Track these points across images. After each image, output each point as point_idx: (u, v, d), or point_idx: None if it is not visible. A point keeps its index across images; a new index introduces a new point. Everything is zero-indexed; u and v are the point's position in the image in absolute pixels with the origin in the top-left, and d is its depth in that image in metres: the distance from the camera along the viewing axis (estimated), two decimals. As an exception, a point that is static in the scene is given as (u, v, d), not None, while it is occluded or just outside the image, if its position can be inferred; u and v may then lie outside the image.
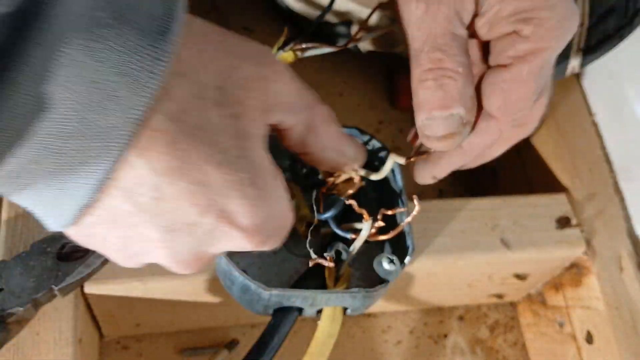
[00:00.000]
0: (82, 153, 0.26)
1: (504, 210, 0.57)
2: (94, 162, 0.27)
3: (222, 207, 0.29)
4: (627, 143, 0.62)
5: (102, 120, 0.26)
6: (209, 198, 0.28)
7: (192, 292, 0.51)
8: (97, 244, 0.31)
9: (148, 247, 0.31)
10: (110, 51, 0.26)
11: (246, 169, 0.29)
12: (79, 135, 0.26)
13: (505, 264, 0.57)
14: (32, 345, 0.46)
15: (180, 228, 0.29)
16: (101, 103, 0.26)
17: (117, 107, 0.26)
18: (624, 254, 0.58)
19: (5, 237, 0.48)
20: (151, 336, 0.62)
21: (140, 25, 0.26)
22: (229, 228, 0.30)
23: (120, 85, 0.26)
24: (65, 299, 0.47)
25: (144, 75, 0.26)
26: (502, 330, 0.68)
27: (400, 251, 0.47)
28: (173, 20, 0.27)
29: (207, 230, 0.30)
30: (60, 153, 0.26)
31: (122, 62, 0.26)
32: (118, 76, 0.26)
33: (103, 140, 0.26)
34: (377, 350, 0.65)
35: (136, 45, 0.26)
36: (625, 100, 0.62)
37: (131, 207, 0.28)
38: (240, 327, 0.63)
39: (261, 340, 0.44)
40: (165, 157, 0.27)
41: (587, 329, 0.58)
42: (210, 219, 0.29)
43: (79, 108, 0.26)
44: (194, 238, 0.30)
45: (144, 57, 0.26)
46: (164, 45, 0.26)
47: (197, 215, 0.29)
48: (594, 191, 0.60)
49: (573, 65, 0.60)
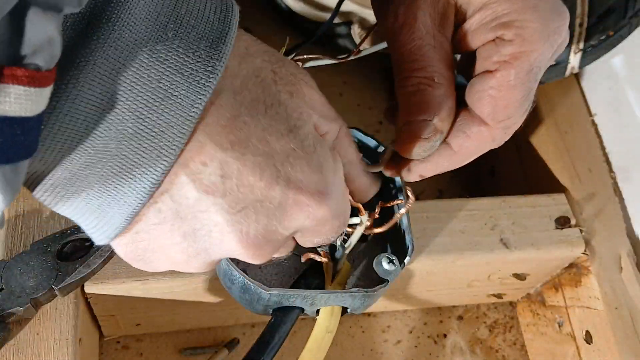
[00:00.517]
0: (139, 155, 0.27)
1: (504, 210, 0.57)
2: (149, 164, 0.27)
3: (288, 176, 0.29)
4: (627, 143, 0.62)
5: (161, 120, 0.26)
6: (274, 168, 0.28)
7: (192, 292, 0.51)
8: (156, 251, 0.30)
9: (216, 236, 0.30)
10: (172, 53, 0.26)
11: (306, 137, 0.30)
12: (136, 136, 0.26)
13: (505, 263, 0.57)
14: (32, 345, 0.46)
15: (249, 205, 0.29)
16: (161, 103, 0.26)
17: (177, 105, 0.26)
18: (623, 254, 0.58)
19: (5, 237, 0.48)
20: (151, 336, 0.62)
21: (199, 30, 0.27)
22: (297, 195, 0.30)
23: (182, 85, 0.26)
24: (65, 299, 0.47)
25: (203, 75, 0.27)
26: (501, 330, 0.68)
27: (400, 251, 0.48)
28: (228, 28, 0.29)
29: (276, 204, 0.29)
30: (119, 155, 0.27)
31: (183, 63, 0.27)
32: (179, 76, 0.26)
33: (161, 139, 0.27)
34: (376, 350, 0.65)
35: (197, 48, 0.27)
36: (625, 100, 0.62)
37: (197, 192, 0.28)
38: (240, 327, 0.63)
39: (262, 339, 0.44)
40: (229, 130, 0.28)
41: (586, 328, 0.59)
42: (278, 191, 0.29)
43: (138, 109, 0.26)
44: (263, 215, 0.29)
45: (203, 59, 0.27)
46: (220, 49, 0.28)
47: (264, 189, 0.29)
48: (593, 191, 0.60)
49: (572, 66, 0.60)
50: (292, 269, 0.49)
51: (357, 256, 0.51)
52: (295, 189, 0.29)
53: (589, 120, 0.65)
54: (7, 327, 0.43)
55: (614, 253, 0.58)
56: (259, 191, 0.28)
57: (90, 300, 0.50)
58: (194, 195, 0.28)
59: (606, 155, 0.63)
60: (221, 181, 0.28)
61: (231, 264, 0.43)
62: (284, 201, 0.29)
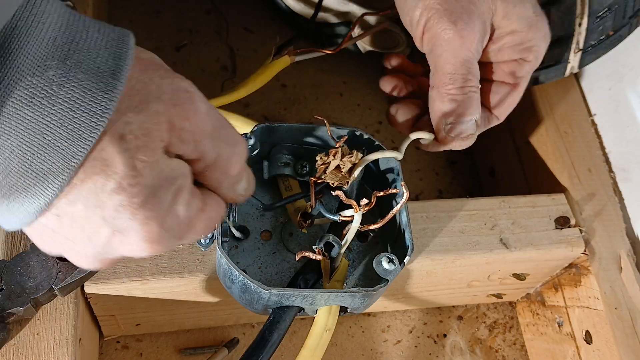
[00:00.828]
0: (19, 189, 0.29)
1: (503, 210, 0.57)
2: (31, 196, 0.30)
3: (113, 226, 0.32)
4: (626, 143, 0.62)
5: (42, 165, 0.29)
6: (101, 218, 0.31)
7: (192, 292, 0.51)
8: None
9: (63, 251, 0.34)
10: (57, 107, 0.29)
11: (139, 193, 0.31)
12: (17, 174, 0.29)
13: (505, 263, 0.57)
14: (32, 345, 0.46)
15: (79, 238, 0.32)
16: (44, 151, 0.29)
17: (59, 155, 0.29)
18: (622, 254, 0.58)
19: (5, 237, 0.48)
20: (151, 336, 0.62)
21: (87, 77, 0.29)
22: (122, 241, 0.33)
23: (65, 137, 0.29)
24: (65, 299, 0.47)
25: (86, 130, 0.29)
26: (501, 330, 0.68)
27: (400, 251, 0.48)
28: (117, 77, 0.30)
29: (102, 243, 0.33)
30: (8, 185, 0.29)
31: (67, 117, 0.29)
32: (62, 129, 0.29)
33: (41, 180, 0.29)
34: (376, 350, 0.65)
35: (82, 100, 0.29)
36: (625, 100, 0.62)
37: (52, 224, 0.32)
38: (240, 327, 0.63)
39: (261, 337, 0.44)
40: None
41: (586, 328, 0.59)
42: (104, 235, 0.32)
43: (19, 153, 0.29)
44: (92, 248, 0.33)
45: (88, 111, 0.29)
46: (106, 102, 0.29)
47: (91, 232, 0.32)
48: (593, 191, 0.61)
49: (572, 66, 0.60)
50: (291, 270, 0.49)
51: (357, 256, 0.51)
52: (120, 237, 0.32)
53: (589, 120, 0.65)
54: (7, 327, 0.43)
55: (614, 253, 0.58)
56: (89, 232, 0.32)
57: (90, 300, 0.50)
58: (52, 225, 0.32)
59: (606, 155, 0.64)
60: (58, 220, 0.32)
61: (231, 264, 0.43)
62: (111, 243, 0.33)
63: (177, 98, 0.32)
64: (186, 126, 0.33)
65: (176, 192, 0.33)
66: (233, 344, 0.61)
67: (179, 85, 0.33)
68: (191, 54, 0.79)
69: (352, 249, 0.51)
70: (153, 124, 0.31)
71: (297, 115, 0.77)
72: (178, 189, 0.33)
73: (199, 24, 0.82)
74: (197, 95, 0.34)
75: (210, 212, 0.37)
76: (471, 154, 0.79)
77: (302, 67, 0.81)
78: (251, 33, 0.82)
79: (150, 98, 0.31)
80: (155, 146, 0.31)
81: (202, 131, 0.34)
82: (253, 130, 0.49)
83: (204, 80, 0.77)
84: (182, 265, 0.49)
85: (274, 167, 0.52)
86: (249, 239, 0.50)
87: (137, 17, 0.80)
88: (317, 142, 0.51)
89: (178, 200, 0.34)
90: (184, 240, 0.37)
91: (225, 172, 0.36)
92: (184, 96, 0.33)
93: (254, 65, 0.78)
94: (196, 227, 0.36)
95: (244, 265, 0.49)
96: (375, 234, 0.52)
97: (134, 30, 0.33)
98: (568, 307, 0.61)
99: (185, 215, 0.34)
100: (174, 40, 0.79)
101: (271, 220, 0.51)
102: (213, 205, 0.37)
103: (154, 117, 0.31)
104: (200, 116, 0.33)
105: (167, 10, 0.82)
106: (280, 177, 0.52)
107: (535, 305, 0.66)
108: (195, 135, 0.33)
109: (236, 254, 0.49)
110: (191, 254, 0.50)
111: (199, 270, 0.49)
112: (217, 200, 0.38)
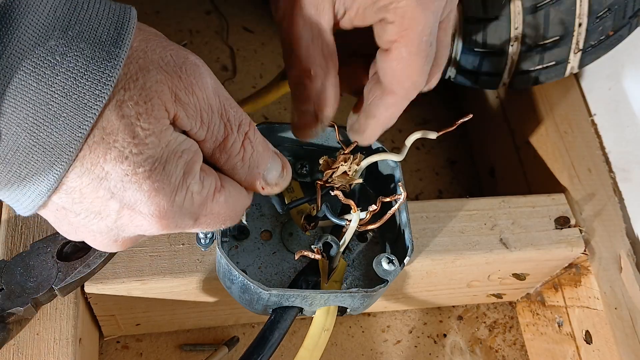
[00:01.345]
0: (28, 167, 0.29)
1: (503, 210, 0.57)
2: (41, 173, 0.29)
3: (121, 199, 0.31)
4: (626, 143, 0.62)
5: (51, 138, 0.29)
6: (108, 190, 0.31)
7: (192, 292, 0.51)
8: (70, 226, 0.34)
9: (79, 233, 0.34)
10: (60, 77, 0.28)
11: (143, 162, 0.30)
12: (26, 150, 0.29)
13: (504, 263, 0.57)
14: (32, 345, 0.46)
15: (90, 215, 0.32)
16: (51, 123, 0.28)
17: (65, 126, 0.29)
18: (622, 254, 0.58)
19: (5, 237, 0.48)
20: (151, 336, 0.62)
21: (89, 48, 0.29)
22: (131, 216, 0.32)
23: (70, 108, 0.28)
24: (65, 299, 0.47)
25: (90, 98, 0.29)
26: (501, 329, 0.68)
27: (400, 251, 0.48)
28: (119, 45, 0.30)
29: (113, 219, 0.32)
30: (17, 163, 0.29)
31: (72, 86, 0.28)
32: (67, 99, 0.28)
33: (49, 154, 0.29)
34: (376, 350, 0.65)
35: (85, 70, 0.29)
36: (625, 100, 0.62)
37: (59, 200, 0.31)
38: (240, 327, 0.63)
39: (261, 337, 0.44)
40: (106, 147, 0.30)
41: (586, 328, 0.59)
42: (113, 209, 0.31)
43: (26, 126, 0.28)
44: (104, 224, 0.32)
45: (91, 82, 0.29)
46: (109, 73, 0.29)
47: (101, 206, 0.31)
48: (592, 191, 0.61)
49: (572, 66, 0.60)
50: (291, 270, 0.49)
51: (357, 256, 0.51)
52: (129, 211, 0.32)
53: (589, 120, 0.65)
54: (7, 327, 0.43)
55: (614, 253, 0.58)
56: (97, 207, 0.32)
57: (90, 300, 0.51)
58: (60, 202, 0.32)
59: (606, 155, 0.64)
60: (69, 197, 0.31)
61: (231, 264, 0.43)
62: (119, 218, 0.32)
63: (183, 70, 0.32)
64: (192, 100, 0.32)
65: (186, 166, 0.32)
66: (233, 342, 0.61)
67: (185, 57, 0.32)
68: (191, 54, 0.79)
69: (352, 249, 0.51)
70: (154, 91, 0.30)
71: (297, 115, 0.77)
72: (188, 164, 0.32)
73: (199, 24, 0.82)
74: (205, 69, 0.33)
75: (229, 196, 0.36)
76: (471, 154, 0.79)
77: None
78: (251, 33, 0.82)
79: (151, 66, 0.31)
80: (159, 115, 0.31)
81: (209, 107, 0.33)
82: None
83: (204, 80, 0.77)
84: (182, 265, 0.49)
85: (274, 168, 0.52)
86: (249, 239, 0.50)
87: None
88: (317, 142, 0.51)
89: (189, 175, 0.32)
90: (200, 224, 0.35)
91: (237, 155, 0.35)
92: (190, 69, 0.32)
93: (254, 65, 0.77)
94: (214, 210, 0.35)
95: (244, 265, 0.49)
96: (375, 234, 0.52)
97: (134, 30, 0.33)
98: (568, 307, 0.61)
99: (197, 192, 0.33)
100: (174, 40, 0.79)
101: (271, 220, 0.51)
102: (233, 191, 0.36)
103: (155, 86, 0.31)
104: (207, 92, 0.32)
105: (167, 10, 0.82)
106: (280, 178, 0.52)
107: (535, 305, 0.66)
108: (202, 112, 0.32)
109: (236, 254, 0.49)
110: (191, 254, 0.50)
111: (199, 270, 0.49)
112: (236, 186, 0.37)
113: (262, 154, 0.37)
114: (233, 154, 0.35)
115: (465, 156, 0.79)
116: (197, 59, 0.33)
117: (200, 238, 0.45)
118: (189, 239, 0.50)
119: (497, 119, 0.74)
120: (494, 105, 0.75)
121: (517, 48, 0.59)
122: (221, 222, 0.36)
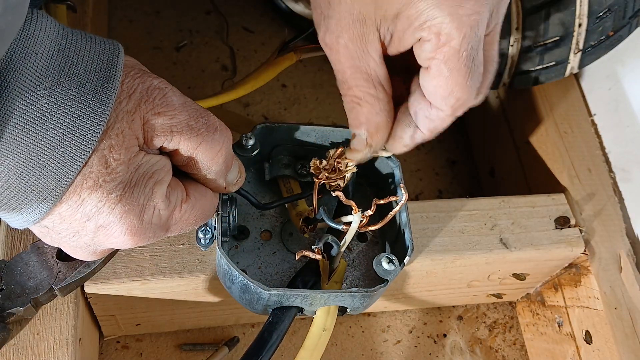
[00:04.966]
0: (18, 201, 0.32)
1: (503, 210, 0.57)
2: (30, 207, 0.33)
3: (96, 221, 0.34)
4: (626, 143, 0.62)
5: (38, 182, 0.32)
6: (84, 214, 0.34)
7: (192, 292, 0.51)
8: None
9: (61, 245, 0.37)
10: (47, 132, 0.31)
11: (115, 188, 0.34)
12: (16, 189, 0.32)
13: (504, 263, 0.57)
14: (32, 345, 0.46)
15: (70, 234, 0.36)
16: (40, 171, 0.31)
17: (52, 174, 0.31)
18: (622, 254, 0.58)
19: (6, 237, 0.48)
20: (151, 336, 0.62)
21: (73, 108, 0.31)
22: (107, 234, 0.35)
23: (57, 158, 0.31)
24: (65, 299, 0.47)
25: (77, 152, 0.31)
26: (501, 329, 0.68)
27: (400, 251, 0.48)
28: (105, 102, 0.32)
29: (91, 237, 0.36)
30: (7, 198, 0.32)
31: (59, 141, 0.31)
32: (55, 152, 0.31)
33: (37, 196, 0.32)
34: (376, 350, 0.65)
35: (74, 124, 0.31)
36: (625, 100, 0.62)
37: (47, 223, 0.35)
38: (240, 327, 0.63)
39: (260, 337, 0.44)
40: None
41: (586, 328, 0.59)
42: (90, 230, 0.35)
43: (17, 172, 0.31)
44: (83, 241, 0.36)
45: (78, 133, 0.32)
46: (95, 126, 0.32)
47: (79, 227, 0.35)
48: (592, 191, 0.61)
49: (572, 66, 0.60)
50: (291, 270, 0.49)
51: (357, 256, 0.51)
52: (104, 232, 0.35)
53: (589, 120, 0.65)
54: (7, 327, 0.43)
55: (614, 253, 0.58)
56: (75, 228, 0.35)
57: (90, 300, 0.51)
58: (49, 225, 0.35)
59: (606, 155, 0.64)
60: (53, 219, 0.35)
61: (231, 264, 0.43)
62: (95, 237, 0.36)
63: (147, 95, 0.34)
64: (159, 121, 0.34)
65: (155, 185, 0.35)
66: (233, 342, 0.61)
67: (150, 83, 0.35)
68: (191, 54, 0.79)
69: (352, 249, 0.51)
70: (125, 122, 0.33)
71: (297, 115, 0.77)
72: (156, 183, 0.35)
73: (199, 24, 0.82)
74: (169, 89, 0.35)
75: (195, 202, 0.38)
76: (471, 154, 0.79)
77: (302, 67, 0.81)
78: (251, 33, 0.82)
79: (121, 97, 0.33)
80: (129, 144, 0.33)
81: (178, 122, 0.35)
82: (253, 130, 0.49)
83: (204, 80, 0.77)
84: (182, 265, 0.49)
85: (275, 169, 0.52)
86: (249, 239, 0.50)
87: (137, 17, 0.80)
88: (318, 142, 0.51)
89: (156, 193, 0.35)
90: (172, 232, 0.38)
91: (209, 160, 0.37)
92: (154, 92, 0.34)
93: (254, 65, 0.78)
94: (182, 219, 0.38)
95: (244, 265, 0.49)
96: (375, 234, 0.52)
97: (134, 30, 0.33)
98: (568, 307, 0.61)
99: (164, 208, 0.36)
100: (174, 40, 0.79)
101: (271, 220, 0.51)
102: (198, 196, 0.39)
103: (126, 117, 0.33)
104: (173, 109, 0.35)
105: (167, 10, 0.82)
106: (281, 179, 0.52)
107: (535, 305, 0.66)
108: (172, 128, 0.35)
109: (236, 254, 0.49)
110: (191, 254, 0.50)
111: (199, 270, 0.49)
112: (202, 191, 0.39)
113: (229, 158, 0.39)
114: (206, 159, 0.37)
115: (465, 156, 0.79)
116: (161, 83, 0.35)
117: (200, 238, 0.45)
118: (189, 239, 0.50)
119: (497, 119, 0.74)
120: (494, 105, 0.75)
121: (517, 48, 0.59)
122: (192, 225, 0.40)
